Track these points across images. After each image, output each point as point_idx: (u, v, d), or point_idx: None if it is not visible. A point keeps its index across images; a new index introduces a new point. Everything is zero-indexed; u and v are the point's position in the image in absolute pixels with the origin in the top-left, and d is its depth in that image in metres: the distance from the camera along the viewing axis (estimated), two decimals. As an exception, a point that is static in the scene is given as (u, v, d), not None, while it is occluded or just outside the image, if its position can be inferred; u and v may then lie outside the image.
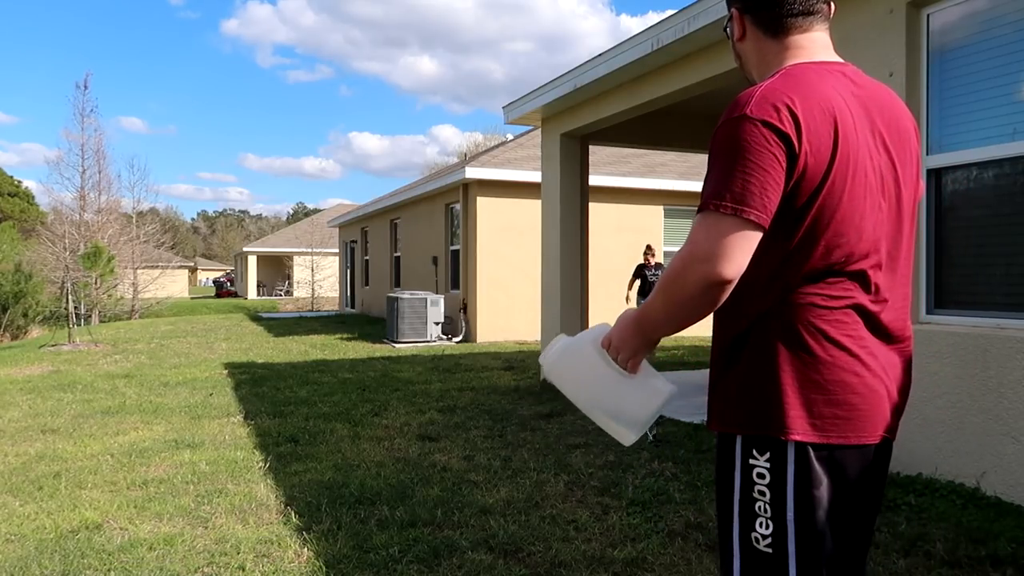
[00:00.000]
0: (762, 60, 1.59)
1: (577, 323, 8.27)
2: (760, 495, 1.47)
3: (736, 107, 1.43)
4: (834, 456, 1.46)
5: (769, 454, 1.45)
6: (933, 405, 4.08)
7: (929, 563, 3.13)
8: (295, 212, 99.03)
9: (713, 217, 1.37)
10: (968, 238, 4.15)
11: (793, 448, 1.44)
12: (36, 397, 7.62)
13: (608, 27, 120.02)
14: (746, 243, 1.38)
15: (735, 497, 1.50)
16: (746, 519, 1.49)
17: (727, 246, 1.36)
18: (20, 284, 22.01)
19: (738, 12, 1.61)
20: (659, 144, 9.40)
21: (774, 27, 1.56)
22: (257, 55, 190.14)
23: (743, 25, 1.61)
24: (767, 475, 1.46)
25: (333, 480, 4.45)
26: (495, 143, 23.84)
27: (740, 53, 1.66)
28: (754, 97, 1.41)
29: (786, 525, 1.44)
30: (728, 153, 1.40)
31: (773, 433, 1.44)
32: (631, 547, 3.37)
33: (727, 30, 1.70)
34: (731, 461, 1.52)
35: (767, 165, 1.37)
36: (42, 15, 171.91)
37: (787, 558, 1.45)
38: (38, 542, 3.51)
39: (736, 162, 1.38)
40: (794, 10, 1.54)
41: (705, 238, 1.37)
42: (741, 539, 1.50)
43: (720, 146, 1.42)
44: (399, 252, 18.82)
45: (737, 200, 1.36)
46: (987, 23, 4.01)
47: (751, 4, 1.58)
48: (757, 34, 1.59)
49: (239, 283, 48.94)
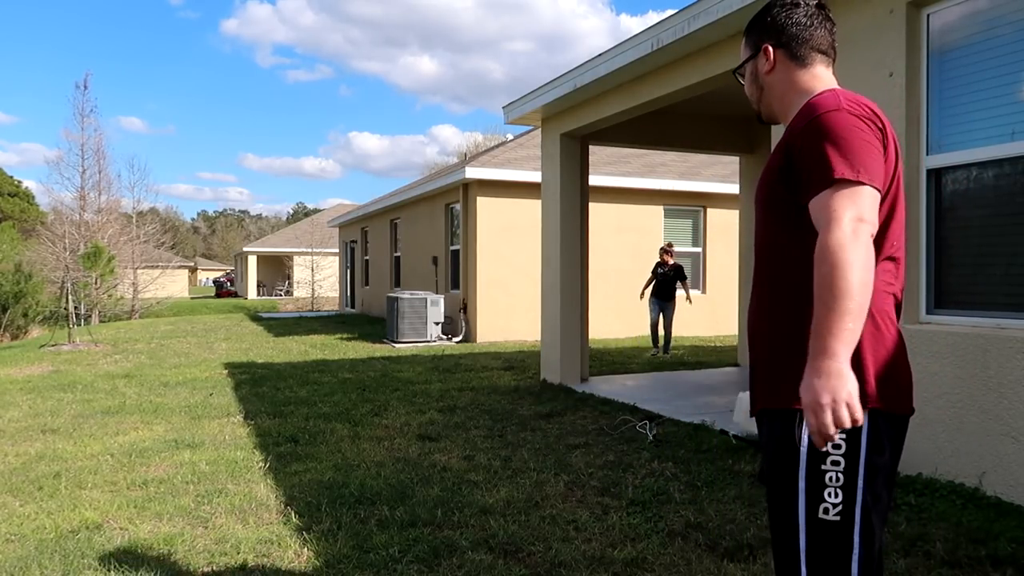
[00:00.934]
0: (791, 88, 1.81)
1: (577, 323, 8.28)
2: (834, 465, 1.56)
3: (822, 106, 1.63)
4: (892, 425, 1.62)
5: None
6: (933, 405, 4.08)
7: (929, 563, 3.13)
8: (295, 212, 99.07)
9: (849, 185, 1.54)
10: (968, 238, 4.15)
11: (867, 417, 1.56)
12: (36, 397, 7.62)
13: (608, 27, 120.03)
14: (876, 205, 1.57)
15: (801, 472, 1.59)
16: (814, 491, 1.58)
17: (869, 206, 1.54)
18: (20, 284, 22.02)
19: (772, 47, 1.82)
20: (659, 144, 9.40)
21: (803, 59, 1.80)
22: (257, 55, 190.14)
23: (775, 59, 1.83)
24: (843, 444, 1.56)
25: (333, 480, 4.45)
26: (495, 143, 23.85)
27: (765, 85, 1.86)
28: (841, 99, 1.64)
29: (856, 492, 1.56)
30: (835, 135, 1.58)
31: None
32: (631, 547, 3.38)
33: (738, 74, 1.92)
34: (792, 438, 1.60)
35: (877, 146, 1.60)
36: (42, 15, 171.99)
37: (853, 524, 1.56)
38: (38, 542, 3.51)
39: (848, 140, 1.57)
40: (818, 47, 1.81)
41: (851, 202, 1.52)
42: (808, 512, 1.58)
43: (820, 134, 1.59)
44: (399, 252, 18.82)
45: (868, 170, 1.55)
46: (987, 23, 4.01)
47: (785, 40, 1.81)
48: (788, 65, 1.82)
49: (239, 283, 48.94)
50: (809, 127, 1.62)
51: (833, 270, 1.44)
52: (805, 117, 1.65)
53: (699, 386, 8.08)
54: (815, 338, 1.46)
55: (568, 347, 8.23)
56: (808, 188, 1.59)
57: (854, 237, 1.46)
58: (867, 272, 1.46)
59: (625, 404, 6.82)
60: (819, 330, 1.45)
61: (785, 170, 1.67)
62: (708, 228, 15.25)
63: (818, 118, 1.61)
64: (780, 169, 1.69)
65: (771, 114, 1.89)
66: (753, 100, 1.91)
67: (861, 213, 1.50)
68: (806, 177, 1.60)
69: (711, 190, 14.81)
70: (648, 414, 6.37)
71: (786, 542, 1.62)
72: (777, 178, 1.70)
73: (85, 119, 23.72)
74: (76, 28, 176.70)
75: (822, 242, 1.48)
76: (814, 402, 1.44)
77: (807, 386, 1.46)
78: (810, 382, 1.45)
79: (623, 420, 6.10)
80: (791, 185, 1.65)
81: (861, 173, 1.53)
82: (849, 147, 1.55)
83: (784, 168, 1.67)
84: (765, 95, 1.87)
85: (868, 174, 1.54)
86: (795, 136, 1.65)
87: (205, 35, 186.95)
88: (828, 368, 1.43)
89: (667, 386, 8.09)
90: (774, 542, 1.68)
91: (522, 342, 13.27)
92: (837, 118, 1.59)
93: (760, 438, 1.77)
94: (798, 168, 1.62)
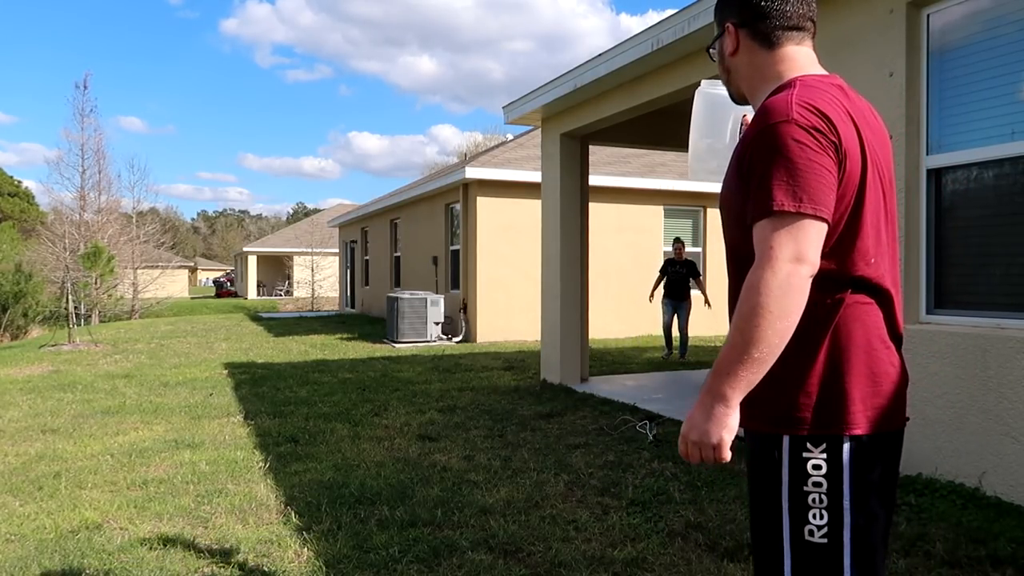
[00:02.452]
0: (756, 72, 1.67)
1: (577, 323, 8.28)
2: (815, 486, 1.49)
3: (772, 114, 1.48)
4: (881, 443, 1.53)
5: (825, 444, 1.49)
6: (933, 405, 4.08)
7: (929, 563, 3.13)
8: (295, 212, 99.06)
9: (790, 218, 1.41)
10: (968, 238, 4.15)
11: (848, 441, 1.49)
12: (36, 397, 7.62)
13: (608, 26, 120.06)
14: (820, 238, 1.44)
15: (784, 492, 1.52)
16: (797, 512, 1.51)
17: (809, 243, 1.42)
18: (20, 284, 22.01)
19: (733, 27, 1.68)
20: (659, 144, 9.39)
21: (769, 39, 1.65)
22: (256, 55, 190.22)
23: (737, 39, 1.68)
24: (823, 465, 1.49)
25: (333, 480, 4.45)
26: (495, 143, 23.85)
27: (731, 67, 1.74)
28: (792, 104, 1.47)
29: (842, 514, 1.48)
30: (779, 155, 1.44)
31: (835, 431, 1.49)
32: (631, 547, 3.38)
33: (711, 51, 1.79)
34: (773, 458, 1.53)
35: (827, 165, 1.44)
36: (41, 15, 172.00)
37: (842, 547, 1.48)
38: (38, 542, 3.51)
39: (793, 163, 1.43)
40: (787, 24, 1.64)
41: (790, 239, 1.41)
42: (792, 534, 1.51)
43: (766, 150, 1.46)
44: (399, 252, 18.82)
45: (812, 199, 1.41)
46: (987, 23, 4.01)
47: (747, 18, 1.66)
48: (752, 47, 1.67)
49: (239, 283, 48.93)
50: (757, 139, 1.49)
51: (752, 314, 1.39)
52: (757, 124, 1.51)
53: (699, 386, 8.06)
54: (715, 373, 1.44)
55: (568, 347, 8.23)
56: (751, 211, 1.47)
57: (786, 282, 1.38)
58: (788, 319, 1.39)
59: (625, 404, 6.82)
60: (720, 367, 1.43)
61: (739, 179, 1.56)
62: (708, 228, 15.26)
63: (766, 130, 1.47)
64: (735, 176, 1.58)
65: (741, 97, 1.77)
66: (723, 81, 1.80)
67: (800, 252, 1.40)
68: (751, 197, 1.48)
69: (711, 190, 14.78)
70: (648, 414, 6.37)
71: (770, 565, 1.56)
72: (734, 185, 1.59)
73: (85, 119, 23.76)
74: (75, 27, 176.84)
75: (751, 279, 1.41)
76: (685, 435, 1.48)
77: (689, 416, 1.48)
78: (692, 414, 1.47)
79: (623, 420, 6.10)
80: (747, 196, 1.52)
81: (804, 203, 1.40)
82: (794, 170, 1.42)
83: (737, 177, 1.56)
84: (732, 76, 1.74)
85: (813, 203, 1.41)
86: (747, 146, 1.53)
87: (204, 35, 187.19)
88: (713, 411, 1.44)
89: (667, 386, 8.09)
90: (757, 564, 1.61)
91: (522, 342, 13.27)
92: (784, 132, 1.44)
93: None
94: (748, 183, 1.51)
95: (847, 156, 1.46)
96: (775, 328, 1.38)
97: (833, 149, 1.45)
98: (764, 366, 1.40)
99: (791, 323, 1.40)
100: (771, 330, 1.38)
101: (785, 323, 1.39)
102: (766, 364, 1.41)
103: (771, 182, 1.43)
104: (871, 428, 1.50)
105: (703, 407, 1.45)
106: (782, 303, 1.38)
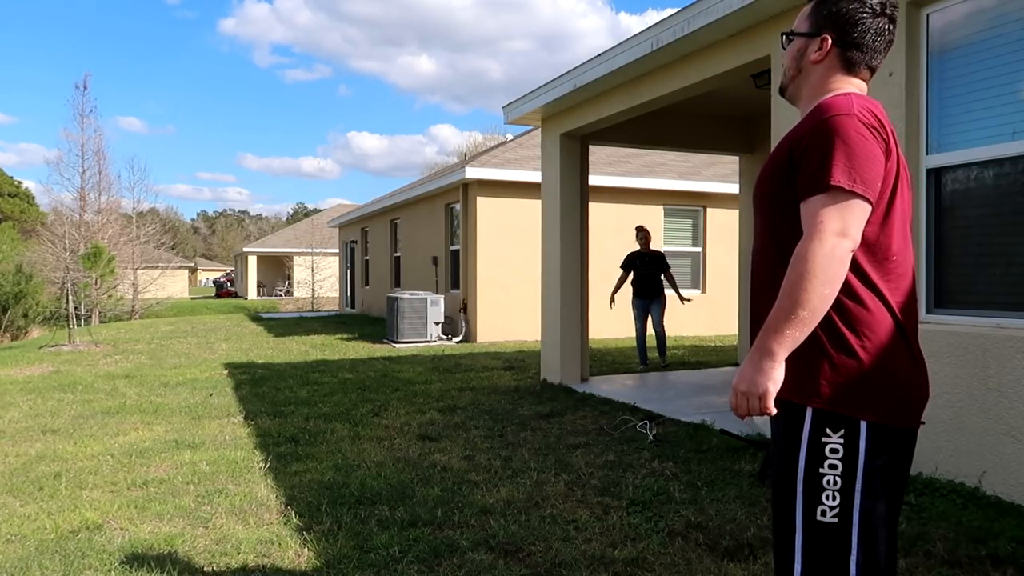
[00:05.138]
0: (823, 84, 1.81)
1: (577, 323, 8.28)
2: (831, 468, 1.63)
3: (835, 108, 1.64)
4: (891, 437, 1.65)
5: (844, 430, 1.62)
6: (933, 405, 4.08)
7: (929, 563, 3.13)
8: (295, 212, 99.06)
9: (843, 195, 1.58)
10: (968, 238, 4.15)
11: (864, 426, 1.62)
12: (36, 397, 7.62)
13: (607, 25, 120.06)
14: (864, 218, 1.61)
15: (799, 474, 1.65)
16: (812, 493, 1.64)
17: (855, 220, 1.59)
18: (20, 285, 22.01)
19: (832, 41, 1.81)
20: (659, 144, 9.39)
21: (854, 67, 1.80)
22: (255, 54, 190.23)
23: (827, 53, 1.81)
24: (840, 448, 1.62)
25: (333, 480, 4.45)
26: (495, 143, 23.85)
27: (804, 69, 1.85)
28: (854, 104, 1.65)
29: (854, 496, 1.62)
30: (840, 141, 1.60)
31: (853, 412, 1.62)
32: (631, 547, 3.38)
33: (787, 37, 1.89)
34: (794, 439, 1.66)
35: (880, 157, 1.63)
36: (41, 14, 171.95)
37: (851, 527, 1.62)
38: (38, 542, 3.51)
39: (852, 149, 1.59)
40: (872, 63, 1.82)
41: (838, 215, 1.57)
42: (805, 513, 1.65)
43: (828, 136, 1.62)
44: (399, 252, 18.82)
45: (864, 181, 1.58)
46: (987, 23, 4.01)
47: (847, 42, 1.79)
48: (835, 64, 1.81)
49: (239, 283, 48.92)
50: (818, 128, 1.64)
51: (800, 279, 1.55)
52: (816, 117, 1.67)
53: (699, 386, 8.08)
54: (764, 332, 1.60)
55: (568, 347, 8.23)
56: (804, 188, 1.63)
57: (831, 253, 1.54)
58: (831, 287, 1.56)
59: (625, 404, 6.82)
60: (768, 327, 1.59)
61: (787, 167, 1.70)
62: (708, 228, 15.25)
63: (828, 120, 1.63)
64: (784, 164, 1.71)
65: (796, 95, 1.89)
66: (787, 74, 1.90)
67: (846, 227, 1.57)
68: (805, 177, 1.64)
69: (711, 190, 14.81)
70: (648, 414, 6.37)
71: (784, 541, 1.69)
72: (780, 173, 1.72)
73: (84, 119, 23.81)
74: (74, 27, 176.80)
75: (800, 249, 1.57)
76: (735, 386, 1.64)
77: (740, 371, 1.64)
78: (743, 368, 1.63)
79: (623, 420, 6.10)
80: (793, 181, 1.68)
81: (857, 183, 1.57)
82: (853, 155, 1.59)
83: (787, 164, 1.70)
84: (800, 77, 1.86)
85: (863, 185, 1.58)
86: (803, 133, 1.68)
87: (203, 34, 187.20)
88: (761, 364, 1.60)
89: (667, 386, 8.09)
90: (775, 541, 1.74)
91: (522, 342, 13.27)
92: (847, 123, 1.61)
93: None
94: (800, 166, 1.66)
95: (889, 156, 1.65)
96: (820, 293, 1.54)
97: (883, 146, 1.63)
98: (808, 326, 1.57)
99: (833, 291, 1.56)
100: (816, 294, 1.54)
101: (828, 289, 1.55)
102: (810, 325, 1.57)
103: (831, 162, 1.59)
104: (882, 419, 1.63)
105: (752, 362, 1.61)
106: (827, 271, 1.54)
